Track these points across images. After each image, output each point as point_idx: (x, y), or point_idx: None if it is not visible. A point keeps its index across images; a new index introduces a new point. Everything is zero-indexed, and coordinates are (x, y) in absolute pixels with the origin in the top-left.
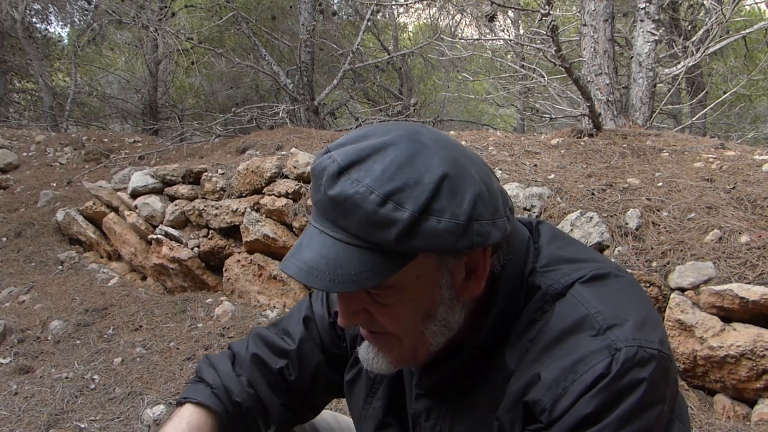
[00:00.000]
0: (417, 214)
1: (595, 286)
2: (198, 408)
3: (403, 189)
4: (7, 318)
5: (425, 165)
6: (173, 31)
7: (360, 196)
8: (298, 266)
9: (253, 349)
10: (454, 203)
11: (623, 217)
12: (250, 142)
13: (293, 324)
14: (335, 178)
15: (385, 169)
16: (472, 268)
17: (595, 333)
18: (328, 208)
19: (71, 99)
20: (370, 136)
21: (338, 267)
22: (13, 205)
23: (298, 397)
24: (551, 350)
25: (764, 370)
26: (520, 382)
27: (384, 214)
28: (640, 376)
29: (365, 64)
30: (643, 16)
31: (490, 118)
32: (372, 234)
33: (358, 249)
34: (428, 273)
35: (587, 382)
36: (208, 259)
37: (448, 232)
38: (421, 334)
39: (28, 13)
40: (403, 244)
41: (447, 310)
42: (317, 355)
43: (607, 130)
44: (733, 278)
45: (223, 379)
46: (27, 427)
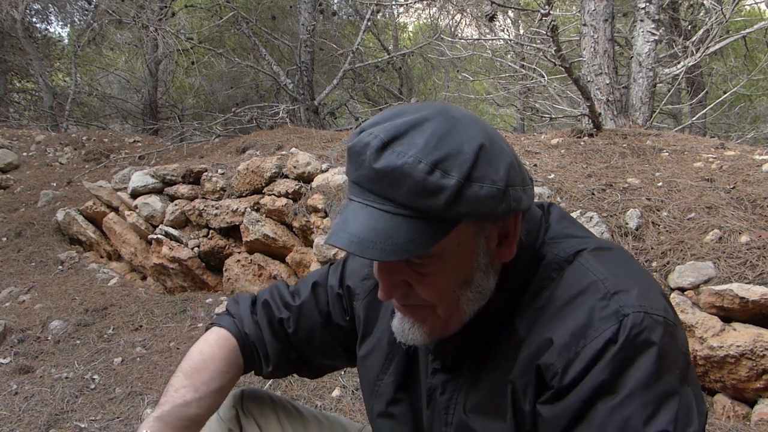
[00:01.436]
0: (463, 180)
1: (599, 256)
2: (222, 330)
3: (447, 158)
4: (7, 318)
5: (463, 136)
6: (173, 31)
7: (409, 166)
8: (348, 239)
9: (266, 296)
10: (492, 170)
11: (623, 217)
12: (250, 142)
13: (304, 285)
14: (380, 152)
15: (427, 140)
16: (504, 234)
17: (602, 297)
18: (375, 180)
19: (71, 99)
20: (402, 114)
21: (388, 237)
22: (13, 205)
23: (294, 348)
24: (561, 314)
25: (764, 370)
26: (532, 346)
27: (433, 181)
28: (651, 339)
29: (365, 64)
30: (643, 16)
31: (490, 118)
32: (421, 202)
33: (406, 218)
34: (468, 240)
35: (597, 347)
36: (208, 259)
37: (490, 198)
38: (456, 301)
39: (28, 13)
40: (450, 210)
41: (483, 277)
42: (315, 317)
43: (607, 130)
44: (733, 278)
45: (242, 312)
46: (27, 427)
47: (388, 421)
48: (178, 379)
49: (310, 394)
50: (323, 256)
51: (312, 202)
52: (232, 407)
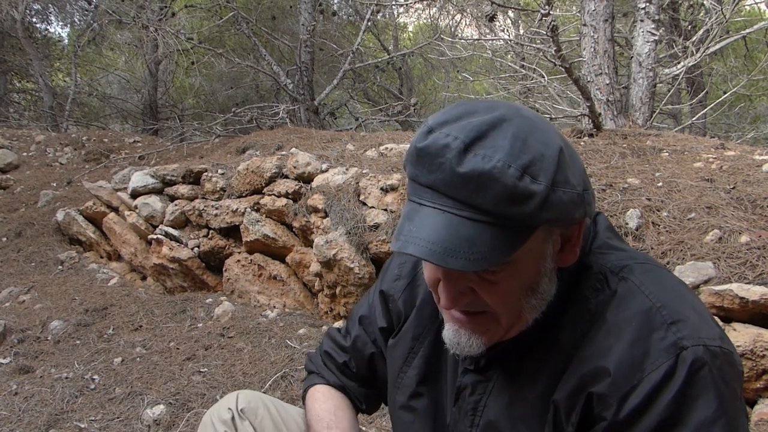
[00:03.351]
0: (550, 185)
1: (651, 276)
2: (318, 386)
3: (534, 162)
4: (7, 318)
5: (543, 139)
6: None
7: (498, 171)
8: (428, 247)
9: (325, 347)
10: (571, 174)
11: (623, 217)
12: (250, 142)
13: (352, 323)
14: (462, 155)
15: (512, 143)
16: (566, 239)
17: (660, 328)
18: (457, 185)
19: (71, 99)
20: (474, 112)
21: (472, 245)
22: (13, 205)
23: (367, 382)
24: (616, 338)
25: (764, 370)
26: (584, 369)
27: (524, 187)
28: (712, 374)
29: (365, 64)
30: (643, 16)
31: None
32: (508, 208)
33: (489, 225)
34: (539, 245)
35: (655, 380)
36: (208, 259)
37: (572, 203)
38: (521, 309)
39: (28, 13)
40: (537, 216)
41: (547, 282)
42: (370, 348)
43: (607, 130)
44: (733, 278)
45: (319, 368)
46: (27, 427)
47: (409, 414)
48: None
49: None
50: (323, 257)
51: (312, 203)
52: (227, 410)
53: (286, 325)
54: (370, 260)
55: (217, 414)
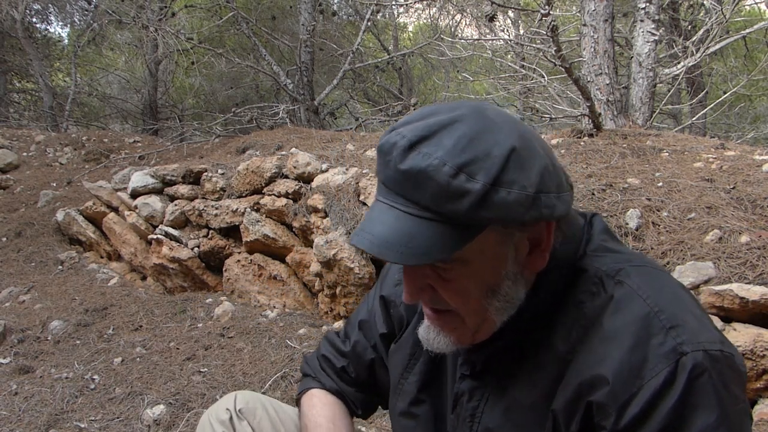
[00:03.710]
0: (489, 185)
1: (647, 279)
2: (315, 390)
3: (475, 161)
4: (7, 318)
5: (494, 138)
6: (173, 31)
7: (433, 168)
8: (371, 240)
9: (323, 351)
10: (523, 175)
11: (623, 217)
12: (250, 142)
13: (351, 327)
14: (406, 153)
15: (456, 142)
16: (536, 243)
17: (658, 333)
18: (400, 182)
19: (71, 99)
20: (436, 113)
21: (411, 240)
22: (13, 205)
23: (366, 387)
24: (613, 344)
25: (764, 370)
26: (583, 377)
27: (457, 185)
28: (713, 380)
29: (365, 64)
30: (643, 16)
31: None
32: (444, 205)
33: (430, 222)
34: (494, 246)
35: (655, 388)
36: (208, 259)
37: (518, 204)
38: (484, 310)
39: (28, 13)
40: (474, 214)
41: (511, 286)
42: (370, 354)
43: (607, 130)
44: (733, 278)
45: (315, 371)
46: (27, 427)
47: (409, 421)
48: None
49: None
50: (323, 257)
51: (312, 203)
52: (225, 410)
53: (286, 325)
54: (370, 260)
55: (215, 414)
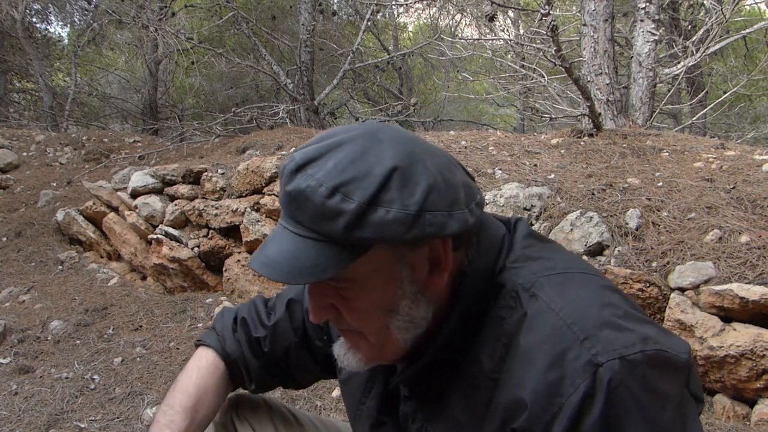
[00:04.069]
0: (365, 204)
1: (562, 288)
2: (210, 352)
3: (352, 181)
4: (7, 318)
5: (377, 158)
6: (173, 31)
7: (310, 189)
8: (262, 261)
9: (243, 313)
10: (405, 194)
11: (623, 217)
12: (250, 142)
13: (280, 302)
14: (292, 175)
15: (337, 163)
16: (435, 262)
17: (572, 347)
18: (286, 203)
19: (71, 99)
20: (332, 135)
21: (296, 260)
22: (13, 205)
23: (275, 365)
24: (529, 365)
25: (764, 370)
26: (506, 401)
27: (332, 206)
28: (633, 389)
29: (365, 64)
30: (643, 16)
31: (490, 118)
32: (322, 226)
33: (314, 242)
34: (386, 266)
35: (575, 405)
36: (208, 259)
37: (397, 222)
38: (385, 329)
39: (28, 13)
40: (351, 234)
41: (410, 305)
42: (290, 337)
43: (607, 130)
44: (733, 278)
45: (224, 330)
46: (27, 427)
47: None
48: (179, 415)
49: (309, 394)
50: None
51: None
52: (226, 413)
53: None
54: None
55: (216, 417)
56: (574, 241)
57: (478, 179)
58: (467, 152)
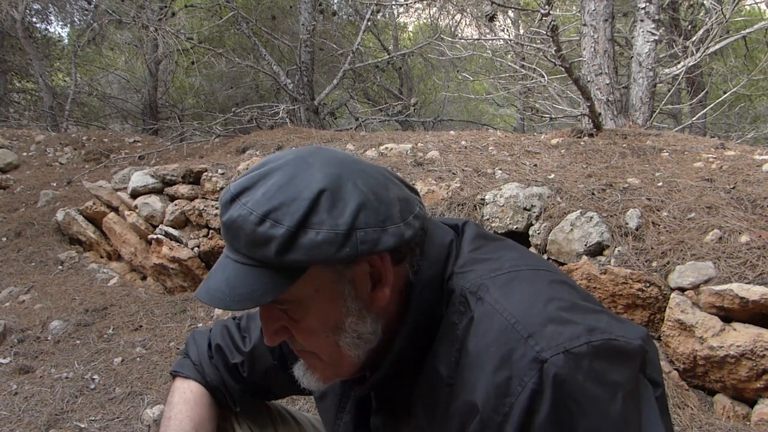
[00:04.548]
0: (294, 228)
1: (507, 288)
2: (190, 381)
3: (280, 207)
4: (7, 318)
5: (304, 183)
6: (173, 31)
7: (242, 218)
8: (206, 290)
9: (218, 340)
10: (334, 214)
11: (623, 217)
12: (250, 142)
13: (254, 326)
14: (228, 205)
15: (266, 191)
16: (377, 278)
17: (518, 346)
18: (224, 233)
19: (71, 99)
20: (265, 164)
21: (236, 287)
22: (13, 205)
23: (255, 387)
24: (478, 368)
25: (764, 370)
26: (460, 407)
27: (262, 232)
28: (579, 381)
29: (365, 64)
30: (643, 16)
31: (490, 118)
32: (256, 252)
33: (251, 268)
34: (326, 285)
35: (524, 403)
36: (208, 259)
37: (328, 243)
38: (335, 347)
39: (28, 13)
40: (283, 258)
41: (356, 321)
42: (268, 360)
43: (607, 130)
44: (733, 278)
45: (200, 357)
46: (27, 427)
47: None
48: None
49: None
50: None
51: None
52: (226, 416)
53: None
54: None
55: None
56: (574, 241)
57: (478, 179)
58: (467, 152)
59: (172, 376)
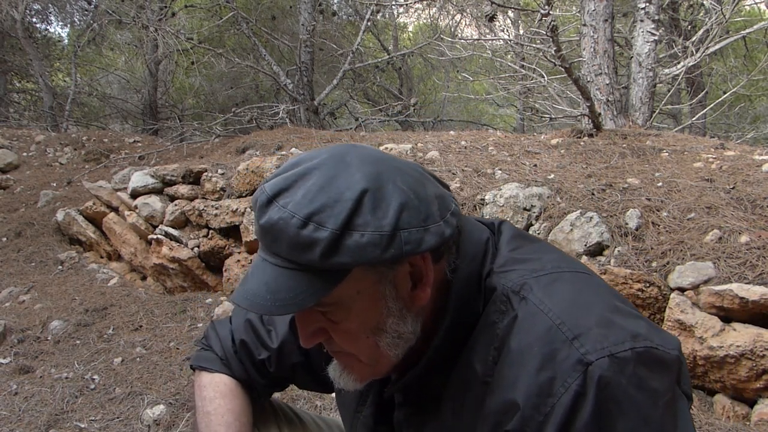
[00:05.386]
0: (338, 231)
1: (550, 289)
2: (220, 374)
3: (323, 209)
4: (7, 318)
5: (346, 183)
6: (173, 31)
7: (283, 221)
8: (244, 295)
9: (243, 335)
10: (378, 215)
11: (623, 217)
12: (250, 142)
13: (281, 321)
14: (265, 208)
15: (306, 192)
16: (417, 277)
17: (562, 347)
18: (262, 236)
19: (71, 99)
20: (299, 163)
21: (277, 291)
22: (13, 205)
23: (279, 382)
24: (520, 366)
25: (764, 370)
26: (497, 405)
27: (305, 236)
28: (623, 386)
29: (365, 64)
30: (643, 16)
31: (490, 118)
32: (299, 256)
33: (292, 272)
34: (368, 287)
35: (567, 404)
36: (208, 259)
37: (373, 245)
38: (375, 347)
39: (28, 13)
40: (328, 262)
41: (397, 322)
42: (296, 356)
43: (607, 130)
44: (733, 278)
45: (226, 352)
46: (27, 427)
47: None
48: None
49: (309, 394)
50: None
51: None
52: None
53: None
54: None
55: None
56: (574, 241)
57: (478, 179)
58: (467, 152)
59: (193, 369)
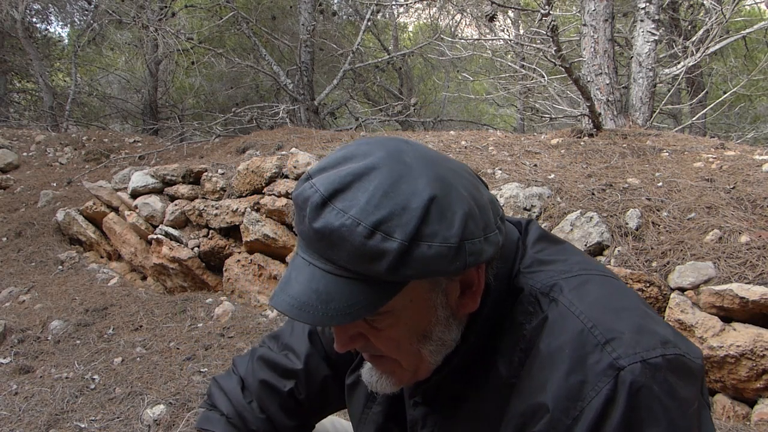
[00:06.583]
0: (407, 242)
1: (581, 291)
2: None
3: (391, 218)
4: (7, 318)
5: (411, 188)
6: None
7: (347, 229)
8: (289, 302)
9: (260, 375)
10: (444, 225)
11: (623, 217)
12: (250, 142)
13: (297, 339)
14: (320, 210)
15: (370, 197)
16: (467, 285)
17: (594, 351)
18: (314, 240)
19: (71, 99)
20: (351, 158)
21: (330, 300)
22: (13, 205)
23: (309, 413)
24: (550, 368)
25: (764, 370)
26: (524, 406)
27: (373, 246)
28: (654, 392)
29: (365, 64)
30: (643, 16)
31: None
32: (362, 266)
33: (349, 280)
34: (422, 296)
35: (597, 408)
36: (208, 259)
37: (440, 257)
38: (417, 354)
39: (28, 13)
40: (394, 274)
41: (443, 330)
42: (324, 369)
43: (607, 130)
44: (733, 278)
45: (237, 408)
46: (27, 427)
47: None
48: None
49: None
50: None
51: None
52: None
53: None
54: None
55: None
56: (574, 241)
57: None
58: (467, 152)
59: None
